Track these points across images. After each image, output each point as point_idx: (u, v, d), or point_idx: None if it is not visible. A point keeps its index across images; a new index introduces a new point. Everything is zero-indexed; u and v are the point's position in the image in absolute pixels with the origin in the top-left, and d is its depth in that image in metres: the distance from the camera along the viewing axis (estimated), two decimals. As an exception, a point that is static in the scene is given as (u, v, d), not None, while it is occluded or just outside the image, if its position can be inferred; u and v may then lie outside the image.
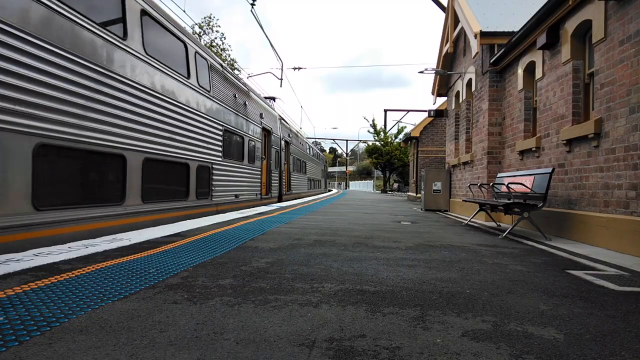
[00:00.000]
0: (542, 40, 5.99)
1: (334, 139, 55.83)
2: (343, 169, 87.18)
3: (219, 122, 8.79)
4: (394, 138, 40.05)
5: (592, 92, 5.34)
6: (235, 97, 9.99)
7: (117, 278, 2.68)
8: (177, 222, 6.50)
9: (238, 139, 10.12)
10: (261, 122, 12.28)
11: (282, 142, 15.39)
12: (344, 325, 1.93)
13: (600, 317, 2.14)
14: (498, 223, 7.49)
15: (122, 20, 5.59)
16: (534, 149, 6.49)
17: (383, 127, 33.87)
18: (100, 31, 5.02)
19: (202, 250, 3.78)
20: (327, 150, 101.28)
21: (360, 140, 55.79)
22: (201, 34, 26.53)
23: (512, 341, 1.78)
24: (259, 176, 11.97)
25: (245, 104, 10.80)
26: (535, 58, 6.51)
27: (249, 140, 11.00)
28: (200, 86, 7.90)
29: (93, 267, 2.96)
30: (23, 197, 3.84)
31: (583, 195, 5.15)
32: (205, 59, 8.29)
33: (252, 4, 11.98)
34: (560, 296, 2.53)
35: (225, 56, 27.76)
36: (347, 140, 55.63)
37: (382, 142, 40.02)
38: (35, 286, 2.43)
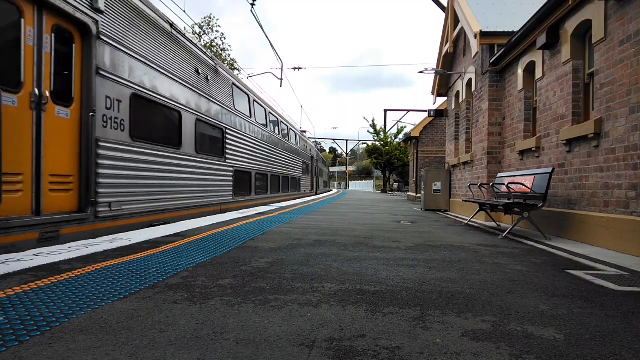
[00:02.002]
0: (542, 40, 5.99)
1: (334, 139, 55.82)
2: (343, 169, 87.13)
3: (301, 159, 19.76)
4: (394, 138, 40.03)
5: (592, 92, 5.34)
6: (305, 145, 21.72)
7: (117, 278, 2.68)
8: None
9: (305, 164, 21.10)
10: (310, 152, 23.45)
11: (315, 160, 26.86)
12: (344, 325, 1.93)
13: (600, 317, 2.14)
14: (498, 223, 7.49)
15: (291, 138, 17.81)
16: (534, 149, 6.49)
17: (383, 127, 33.87)
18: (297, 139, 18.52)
19: (202, 250, 3.78)
20: (327, 150, 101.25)
21: (360, 141, 55.79)
22: (201, 34, 26.53)
23: (512, 341, 1.78)
24: (309, 181, 23.36)
25: (307, 147, 22.60)
26: (535, 58, 6.51)
27: (309, 164, 22.60)
28: (301, 148, 19.42)
29: (93, 267, 2.96)
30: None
31: (583, 195, 5.15)
32: (303, 138, 20.82)
33: (252, 4, 11.98)
34: (560, 296, 2.53)
35: (225, 56, 27.75)
36: (347, 140, 55.63)
37: (382, 142, 40.00)
38: (35, 286, 2.43)
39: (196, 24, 25.98)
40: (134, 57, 5.81)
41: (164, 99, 6.60)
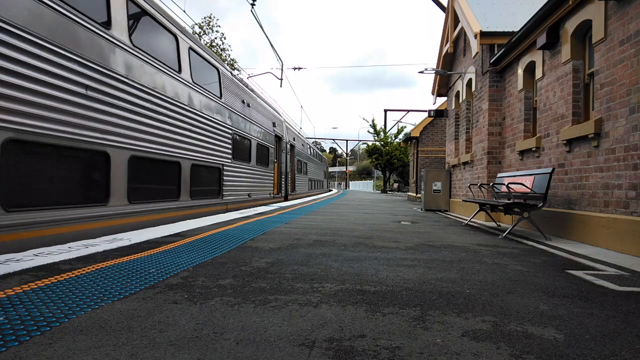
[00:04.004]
0: (542, 40, 5.99)
1: (334, 139, 55.82)
2: (343, 169, 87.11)
3: (322, 170, 31.12)
4: (394, 138, 40.01)
5: (592, 92, 5.34)
6: (324, 160, 33.92)
7: (117, 278, 2.68)
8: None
9: (323, 171, 31.70)
10: (326, 164, 34.04)
11: (327, 169, 36.71)
12: (344, 325, 1.93)
13: (600, 317, 2.14)
14: (498, 223, 7.49)
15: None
16: (534, 149, 6.49)
17: (383, 127, 33.88)
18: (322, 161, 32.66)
19: (202, 250, 3.78)
20: (327, 150, 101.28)
21: (360, 141, 55.78)
22: (201, 34, 26.52)
23: (512, 341, 1.78)
24: (326, 182, 34.23)
25: (325, 161, 33.72)
26: (535, 58, 6.51)
27: (325, 171, 32.99)
28: (323, 163, 32.68)
29: (93, 267, 2.96)
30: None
31: (583, 195, 5.15)
32: (323, 158, 34.22)
33: (252, 4, 11.98)
34: (560, 296, 2.53)
35: (225, 56, 27.75)
36: (347, 140, 55.63)
37: (382, 143, 39.99)
38: (35, 286, 2.43)
39: (196, 24, 25.98)
40: (295, 149, 17.99)
41: (302, 159, 20.08)
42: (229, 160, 8.89)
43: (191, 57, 7.44)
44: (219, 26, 52.63)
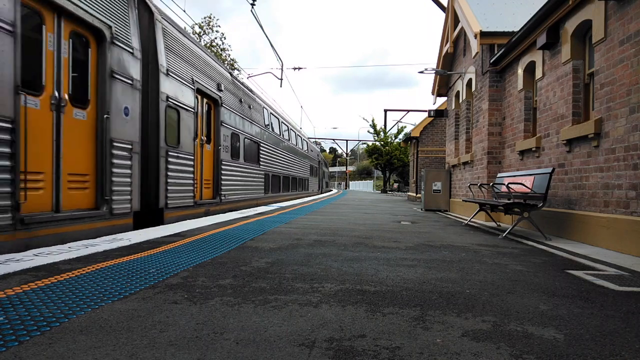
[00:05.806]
0: (542, 40, 5.99)
1: (334, 139, 55.83)
2: (343, 169, 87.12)
3: (328, 173, 47.13)
4: (394, 138, 40.01)
5: (592, 92, 5.34)
6: (326, 165, 42.83)
7: (117, 278, 2.68)
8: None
9: (328, 175, 46.04)
10: (328, 168, 47.49)
11: (329, 171, 49.69)
12: (344, 325, 1.93)
13: (600, 317, 2.14)
14: (498, 223, 7.49)
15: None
16: (534, 149, 6.50)
17: (383, 127, 33.89)
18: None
19: (202, 250, 3.78)
20: (327, 150, 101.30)
21: (360, 141, 55.80)
22: (201, 34, 26.53)
23: (512, 341, 1.78)
24: (329, 183, 48.29)
25: (328, 167, 47.06)
26: (535, 58, 6.51)
27: (329, 173, 49.29)
28: (328, 170, 48.93)
29: (93, 267, 2.96)
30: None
31: (583, 195, 5.15)
32: (327, 166, 46.69)
33: (252, 4, 11.98)
34: (560, 296, 2.53)
35: (225, 56, 27.76)
36: (347, 140, 55.64)
37: (382, 143, 39.99)
38: (35, 286, 2.43)
39: (196, 24, 26.00)
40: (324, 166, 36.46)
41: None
42: (308, 175, 21.56)
43: (320, 162, 27.45)
44: (219, 26, 52.64)
